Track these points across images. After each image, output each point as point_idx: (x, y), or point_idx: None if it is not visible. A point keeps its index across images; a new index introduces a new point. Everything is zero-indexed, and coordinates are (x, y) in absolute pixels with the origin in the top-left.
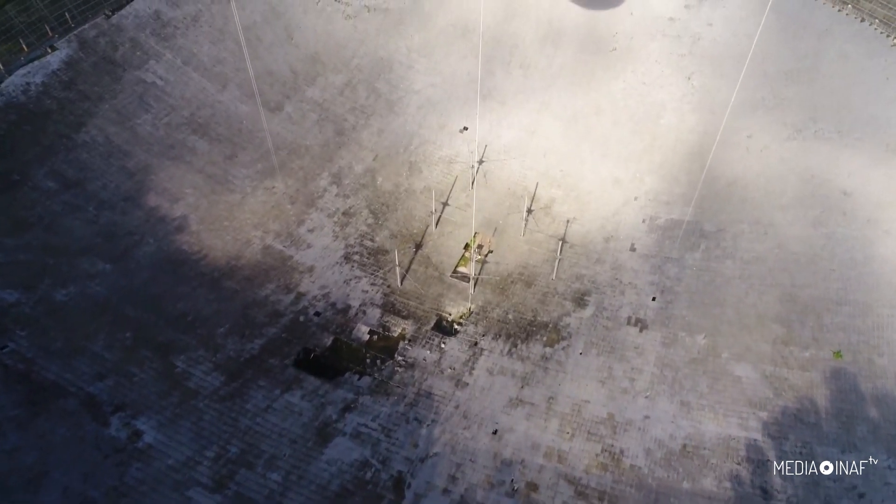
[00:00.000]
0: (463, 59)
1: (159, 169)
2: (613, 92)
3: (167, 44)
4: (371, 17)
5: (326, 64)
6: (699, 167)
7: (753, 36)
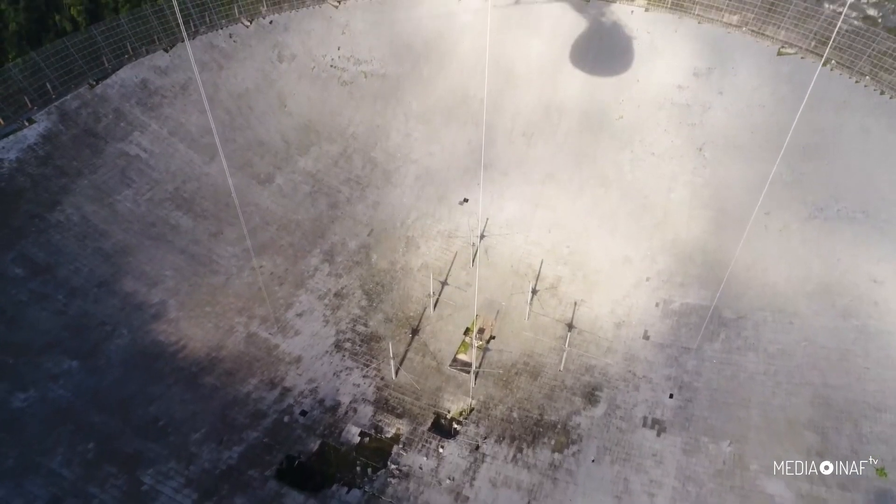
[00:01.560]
0: (463, 127)
1: (138, 249)
2: (621, 162)
3: (153, 114)
4: (368, 84)
5: (321, 132)
6: (715, 247)
7: (766, 106)
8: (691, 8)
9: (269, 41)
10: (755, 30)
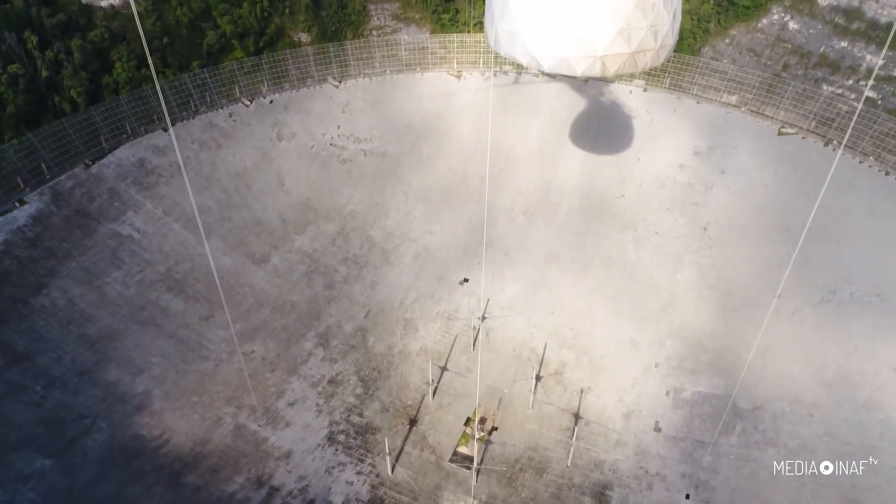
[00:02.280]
0: (463, 205)
1: (125, 335)
2: (624, 242)
3: (149, 193)
4: (367, 162)
5: (318, 211)
6: (725, 331)
7: (769, 186)
8: (689, 88)
9: (269, 120)
10: (754, 110)
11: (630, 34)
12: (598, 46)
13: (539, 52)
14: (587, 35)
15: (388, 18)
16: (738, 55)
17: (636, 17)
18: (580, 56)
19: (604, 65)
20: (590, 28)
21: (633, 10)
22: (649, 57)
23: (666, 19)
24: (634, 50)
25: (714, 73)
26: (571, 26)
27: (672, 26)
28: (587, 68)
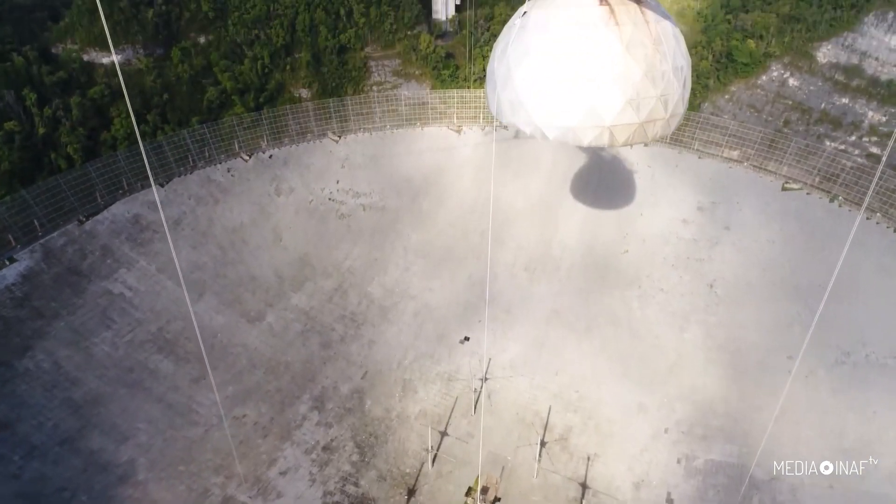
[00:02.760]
0: (463, 261)
1: (111, 399)
2: (629, 299)
3: (143, 250)
4: (366, 217)
5: (316, 267)
6: (737, 394)
7: (776, 243)
8: (691, 143)
9: (267, 175)
10: (757, 165)
11: (639, 104)
12: (606, 116)
13: (543, 123)
14: (594, 105)
15: (388, 74)
16: (739, 111)
17: (645, 86)
18: (587, 126)
19: (612, 135)
20: (597, 97)
21: (642, 80)
22: (659, 126)
23: (676, 88)
24: (644, 120)
25: (715, 129)
26: (577, 96)
27: (682, 95)
28: (595, 139)
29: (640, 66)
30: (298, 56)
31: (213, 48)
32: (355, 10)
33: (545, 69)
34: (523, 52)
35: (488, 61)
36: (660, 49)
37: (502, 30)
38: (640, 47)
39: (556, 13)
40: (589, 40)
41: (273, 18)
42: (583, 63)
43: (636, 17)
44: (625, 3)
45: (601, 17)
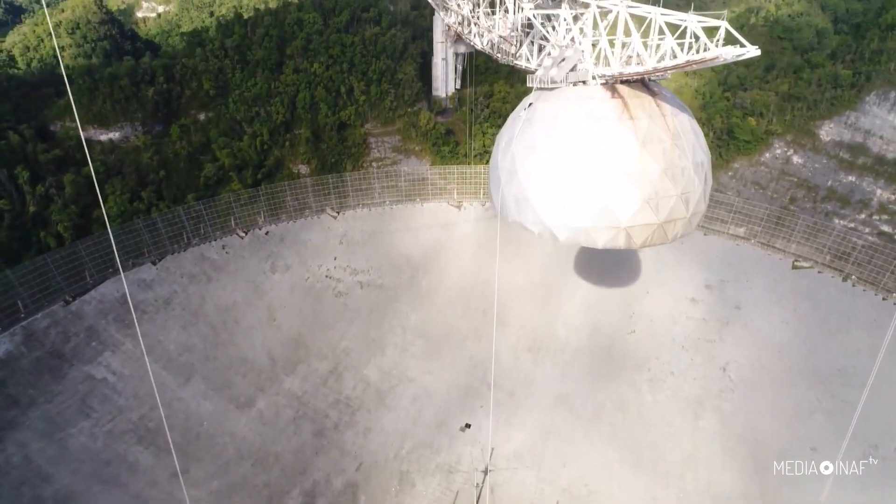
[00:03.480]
0: (464, 341)
1: (84, 497)
2: (638, 383)
3: (130, 331)
4: (364, 295)
5: (311, 348)
6: (758, 490)
7: (789, 323)
8: None
9: (263, 252)
10: (764, 242)
11: (658, 203)
12: (623, 216)
13: (553, 222)
14: (609, 204)
15: (388, 150)
16: (743, 187)
17: (664, 184)
18: (601, 227)
19: (629, 237)
20: (611, 196)
21: (660, 177)
22: (680, 226)
23: (697, 185)
24: (664, 220)
25: (720, 205)
26: (590, 194)
27: (704, 192)
28: (610, 240)
29: (658, 162)
30: (298, 132)
31: (212, 125)
32: (356, 88)
33: (554, 165)
34: (529, 147)
35: (491, 154)
36: (678, 144)
37: (506, 122)
38: (658, 142)
39: (565, 106)
40: (602, 135)
41: (273, 96)
42: (595, 159)
43: (651, 110)
44: (638, 95)
45: (614, 110)
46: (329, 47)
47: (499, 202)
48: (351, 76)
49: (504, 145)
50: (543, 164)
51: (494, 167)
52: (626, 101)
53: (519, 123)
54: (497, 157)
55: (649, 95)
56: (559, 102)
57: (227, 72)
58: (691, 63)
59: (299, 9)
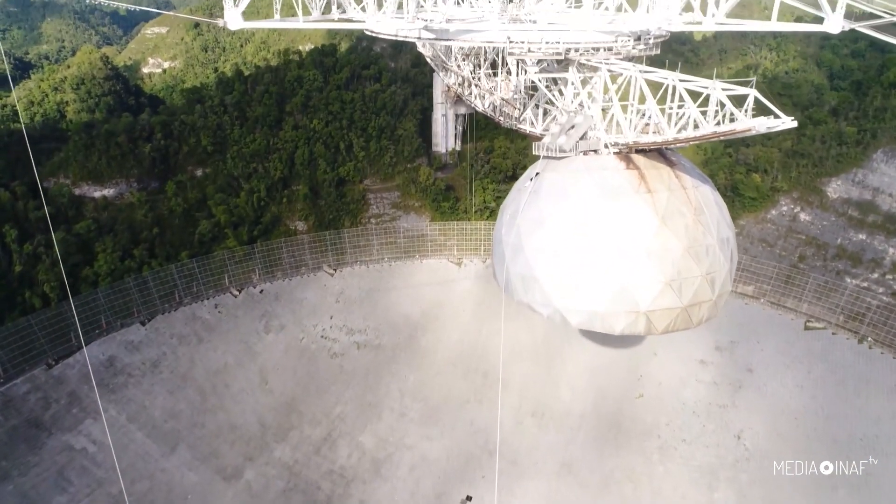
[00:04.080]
0: (464, 405)
1: None
2: (648, 451)
3: (114, 396)
4: (360, 356)
5: (304, 413)
6: None
7: (805, 388)
8: None
9: (257, 311)
10: (774, 301)
11: (681, 285)
12: (642, 300)
13: (564, 305)
14: (627, 286)
15: (387, 206)
16: (750, 245)
17: (688, 264)
18: (618, 311)
19: (649, 322)
20: (630, 278)
21: (683, 257)
22: (706, 309)
23: (723, 264)
24: (688, 303)
25: None
26: (606, 275)
27: (730, 270)
28: (628, 326)
29: (681, 239)
30: (296, 189)
31: (209, 181)
32: (355, 144)
33: (564, 241)
34: (537, 221)
35: (494, 226)
36: (702, 219)
37: (509, 193)
38: (679, 217)
39: (575, 177)
40: (617, 209)
41: (272, 152)
42: (611, 236)
43: (670, 181)
44: (656, 165)
45: (630, 182)
46: (329, 104)
47: (503, 280)
48: (350, 132)
49: (508, 218)
50: (552, 240)
51: (498, 241)
52: (643, 171)
53: (524, 195)
54: (501, 230)
55: (667, 165)
56: (569, 172)
57: (225, 128)
58: (718, 135)
59: (300, 66)
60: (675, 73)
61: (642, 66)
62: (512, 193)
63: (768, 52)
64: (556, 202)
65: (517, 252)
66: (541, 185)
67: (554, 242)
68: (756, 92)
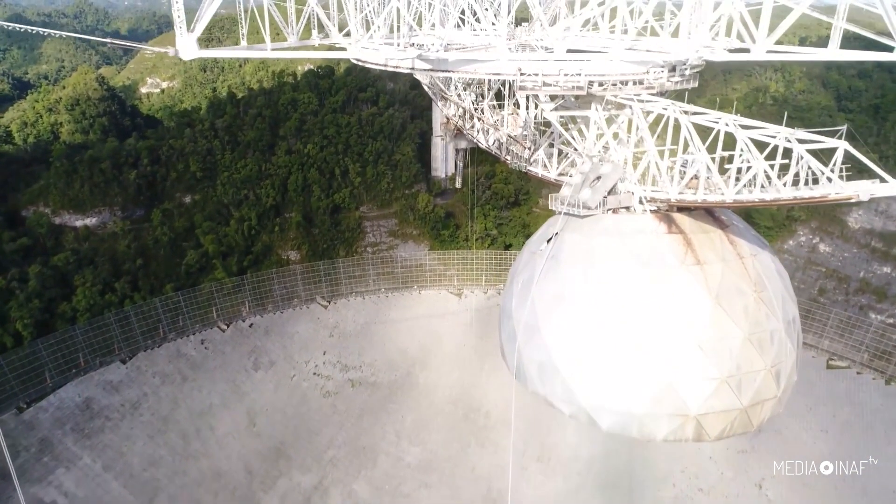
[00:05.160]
0: (465, 449)
1: None
2: (662, 501)
3: (89, 442)
4: (355, 394)
5: (293, 458)
6: None
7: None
8: None
9: (245, 346)
10: None
11: (741, 382)
12: (692, 401)
13: (591, 403)
14: (672, 383)
15: (384, 235)
16: None
17: (749, 356)
18: (661, 414)
19: (700, 428)
20: (675, 373)
21: (743, 347)
22: (769, 408)
23: (790, 351)
24: (749, 403)
25: None
26: (646, 369)
27: (797, 358)
28: (673, 432)
29: (740, 325)
30: (289, 216)
31: (198, 209)
32: (351, 170)
33: (593, 324)
34: (557, 296)
35: (502, 293)
36: (764, 297)
37: (520, 254)
38: (737, 296)
39: (605, 242)
40: (660, 286)
41: (264, 178)
42: (652, 320)
43: (724, 248)
44: (704, 228)
45: (674, 250)
46: (324, 128)
47: (513, 363)
48: (346, 157)
49: (520, 288)
50: (577, 321)
51: (508, 315)
52: (689, 236)
53: (540, 260)
54: (511, 302)
55: (717, 227)
56: (596, 236)
57: (216, 153)
58: (800, 201)
59: (294, 88)
60: (729, 115)
61: (683, 104)
62: (523, 256)
63: (773, 73)
64: (582, 273)
65: (532, 333)
66: (561, 249)
67: (579, 324)
68: (846, 144)
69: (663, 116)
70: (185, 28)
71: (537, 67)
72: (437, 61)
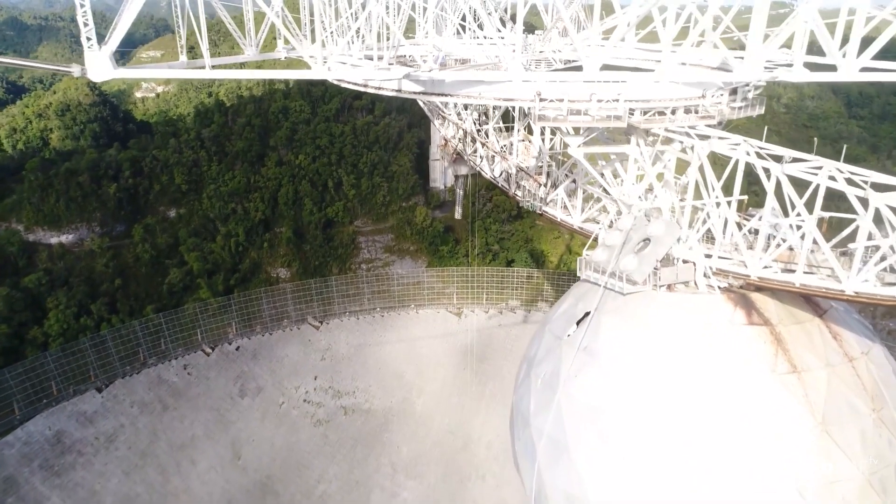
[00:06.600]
0: (465, 483)
1: None
2: None
3: (59, 480)
4: (348, 423)
5: (281, 495)
6: None
7: None
8: None
9: (232, 371)
10: None
11: None
12: None
13: None
14: None
15: (379, 251)
16: None
17: (869, 501)
18: None
19: None
20: None
21: (861, 493)
22: None
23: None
24: None
25: None
26: None
27: None
28: None
29: (857, 461)
30: (279, 231)
31: (182, 223)
32: (345, 182)
33: (644, 455)
34: (594, 408)
35: (514, 386)
36: (885, 416)
37: (534, 335)
38: (851, 417)
39: (658, 335)
40: (740, 402)
41: (253, 191)
42: (729, 454)
43: (826, 347)
44: (797, 317)
45: (758, 351)
46: (316, 137)
47: (532, 486)
48: (340, 169)
49: (541, 386)
50: (623, 448)
51: (522, 419)
52: (778, 330)
53: (568, 351)
54: (528, 403)
55: (814, 314)
56: (646, 324)
57: (202, 164)
58: None
59: (285, 96)
60: (835, 162)
61: (758, 141)
62: (544, 338)
63: None
64: (629, 380)
65: (559, 452)
66: (597, 339)
67: (625, 452)
68: None
69: (730, 158)
70: (96, 41)
71: (561, 91)
72: (431, 83)
